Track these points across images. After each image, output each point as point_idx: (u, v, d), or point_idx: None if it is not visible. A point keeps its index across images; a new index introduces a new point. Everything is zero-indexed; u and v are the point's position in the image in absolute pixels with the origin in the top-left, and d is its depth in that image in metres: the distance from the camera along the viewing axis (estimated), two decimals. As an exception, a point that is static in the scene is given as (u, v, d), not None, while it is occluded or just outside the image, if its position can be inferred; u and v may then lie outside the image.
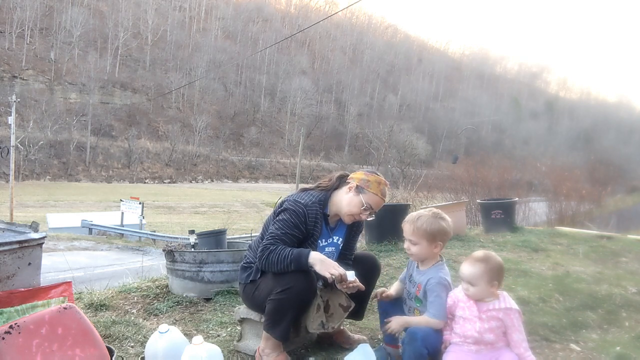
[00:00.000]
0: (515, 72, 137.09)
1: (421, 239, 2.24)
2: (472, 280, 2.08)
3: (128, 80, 72.71)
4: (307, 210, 2.41)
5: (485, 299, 2.09)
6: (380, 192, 2.44)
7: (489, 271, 2.06)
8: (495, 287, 2.07)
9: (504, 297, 2.10)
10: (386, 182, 2.50)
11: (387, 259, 5.19)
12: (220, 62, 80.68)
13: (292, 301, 2.29)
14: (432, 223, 2.24)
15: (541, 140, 78.86)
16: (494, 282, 2.06)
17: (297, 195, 2.53)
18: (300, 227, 2.39)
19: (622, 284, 4.42)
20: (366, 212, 2.45)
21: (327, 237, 2.54)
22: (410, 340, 2.11)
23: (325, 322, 2.48)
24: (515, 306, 2.07)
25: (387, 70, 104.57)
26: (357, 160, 75.71)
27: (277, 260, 2.29)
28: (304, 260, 2.26)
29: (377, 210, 2.50)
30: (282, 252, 2.30)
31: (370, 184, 2.44)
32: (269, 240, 2.39)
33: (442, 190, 22.09)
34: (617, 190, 32.81)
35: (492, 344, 2.05)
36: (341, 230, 2.61)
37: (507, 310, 2.05)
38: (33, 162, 55.64)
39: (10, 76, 62.65)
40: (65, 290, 2.50)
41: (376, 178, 2.47)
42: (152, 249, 18.34)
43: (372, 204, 2.44)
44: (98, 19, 73.86)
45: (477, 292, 2.08)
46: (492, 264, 2.08)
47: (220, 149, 72.59)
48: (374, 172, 2.53)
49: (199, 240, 4.82)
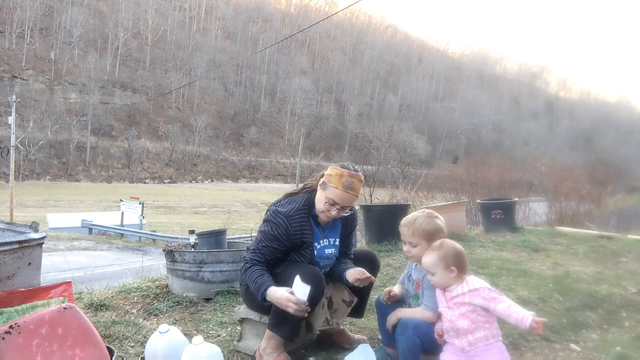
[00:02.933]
0: (515, 72, 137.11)
1: (420, 239, 2.25)
2: (430, 268, 2.11)
3: (128, 80, 72.73)
4: (288, 220, 2.36)
5: (450, 286, 2.08)
6: (342, 185, 2.32)
7: (443, 257, 2.07)
8: (455, 273, 2.06)
9: (467, 281, 2.07)
10: (353, 173, 2.35)
11: (387, 259, 5.18)
12: (220, 62, 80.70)
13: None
14: (429, 223, 2.25)
15: (541, 140, 78.88)
16: (451, 267, 2.06)
17: (280, 203, 2.47)
18: (280, 239, 2.36)
19: (622, 284, 4.42)
20: (332, 207, 2.35)
21: (320, 239, 2.50)
22: (402, 331, 2.12)
23: (329, 319, 2.48)
24: (481, 284, 2.04)
25: (387, 70, 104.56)
26: (357, 160, 75.53)
27: (248, 282, 2.36)
28: (261, 295, 2.27)
29: (345, 205, 2.37)
30: (251, 275, 2.33)
31: (332, 178, 2.34)
32: (248, 255, 2.41)
33: (442, 190, 22.11)
34: (617, 190, 32.82)
35: (472, 332, 2.01)
36: (335, 230, 2.56)
37: (473, 292, 2.02)
38: (33, 162, 55.65)
39: (10, 76, 62.68)
40: (65, 290, 2.50)
41: (338, 171, 2.35)
42: (152, 249, 18.35)
43: (335, 199, 2.33)
44: (98, 19, 73.87)
45: (439, 280, 2.09)
46: (446, 249, 2.09)
47: (220, 149, 72.60)
48: (342, 164, 2.40)
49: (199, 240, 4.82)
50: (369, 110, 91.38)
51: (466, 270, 2.12)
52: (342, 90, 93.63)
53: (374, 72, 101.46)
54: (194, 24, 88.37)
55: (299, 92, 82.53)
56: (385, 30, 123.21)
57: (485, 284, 2.06)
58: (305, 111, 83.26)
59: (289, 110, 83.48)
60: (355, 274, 2.40)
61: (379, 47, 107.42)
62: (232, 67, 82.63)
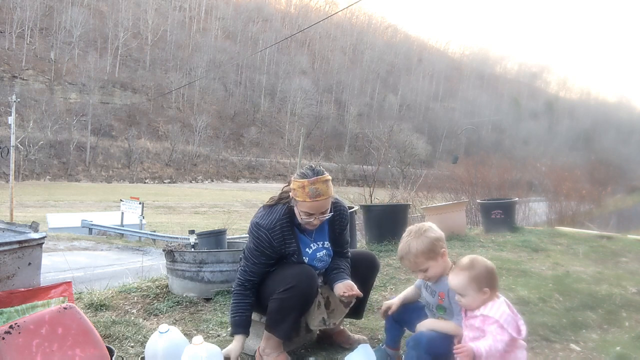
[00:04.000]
0: (515, 72, 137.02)
1: (425, 262, 2.12)
2: (460, 290, 1.95)
3: (128, 80, 72.72)
4: (269, 233, 2.34)
5: (480, 307, 1.93)
6: (307, 196, 2.24)
7: (475, 278, 1.91)
8: (487, 294, 1.91)
9: (489, 304, 1.92)
10: (313, 179, 2.25)
11: (387, 259, 5.18)
12: (220, 62, 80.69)
13: (295, 300, 2.29)
14: (422, 242, 2.11)
15: (541, 140, 78.85)
16: (484, 289, 1.91)
17: (261, 215, 2.42)
18: (266, 252, 2.36)
19: (622, 284, 4.42)
20: (310, 217, 2.31)
21: (309, 244, 2.46)
22: (414, 345, 2.04)
23: (326, 319, 2.48)
24: (495, 315, 1.87)
25: (387, 70, 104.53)
26: (357, 160, 75.62)
27: (231, 305, 2.45)
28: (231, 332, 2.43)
29: (320, 212, 2.31)
30: (235, 303, 2.41)
31: (297, 192, 2.28)
32: (240, 275, 2.44)
33: (442, 190, 22.11)
34: (617, 190, 32.80)
35: None
36: (321, 232, 2.50)
37: (485, 317, 1.89)
38: (33, 162, 55.64)
39: (10, 76, 62.66)
40: (65, 290, 2.51)
41: (299, 183, 2.27)
42: (152, 249, 18.35)
43: (308, 210, 2.28)
44: (98, 19, 73.85)
45: (469, 302, 1.94)
46: (478, 270, 1.93)
47: (220, 149, 72.59)
48: (302, 173, 2.31)
49: (199, 240, 4.82)
50: (369, 110, 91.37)
51: (497, 289, 1.96)
52: (342, 90, 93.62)
53: (374, 72, 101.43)
54: (194, 24, 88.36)
55: (299, 92, 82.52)
56: (385, 30, 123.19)
57: (499, 316, 1.87)
58: (305, 111, 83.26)
59: (289, 110, 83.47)
60: (343, 288, 2.36)
61: (379, 47, 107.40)
62: (232, 67, 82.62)
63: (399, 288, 3.98)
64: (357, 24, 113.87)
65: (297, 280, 2.28)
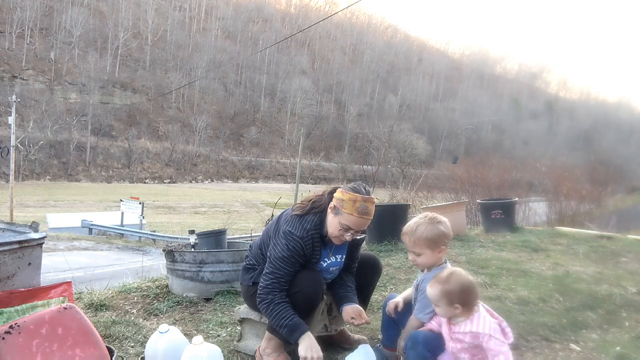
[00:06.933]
0: (515, 72, 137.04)
1: (424, 248, 2.18)
2: (433, 301, 2.02)
3: (128, 80, 72.71)
4: (302, 242, 2.32)
5: (455, 319, 1.99)
6: (356, 211, 2.25)
7: (447, 293, 1.95)
8: (459, 310, 1.95)
9: (474, 319, 1.95)
10: (367, 197, 2.28)
11: (387, 259, 5.19)
12: (220, 62, 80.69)
13: (300, 304, 2.29)
14: (431, 230, 2.16)
15: (541, 140, 78.77)
16: (455, 304, 1.95)
17: (292, 223, 2.38)
18: (298, 259, 2.34)
19: (622, 284, 4.42)
20: (346, 232, 2.30)
21: (326, 257, 2.46)
22: (412, 345, 2.08)
23: (328, 325, 2.48)
24: (485, 328, 1.91)
25: (387, 70, 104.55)
26: (357, 160, 75.74)
27: (275, 316, 2.25)
28: (295, 336, 2.22)
29: (360, 229, 2.32)
30: (280, 312, 2.24)
31: (345, 204, 2.26)
32: (270, 282, 2.30)
33: (442, 190, 22.12)
34: (617, 191, 32.77)
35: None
36: (342, 246, 2.50)
37: (475, 334, 1.92)
38: (33, 162, 55.63)
39: (10, 76, 62.65)
40: (65, 290, 2.51)
41: (351, 196, 2.26)
42: (152, 249, 18.36)
43: (350, 224, 2.27)
44: (98, 19, 73.86)
45: (442, 312, 2.00)
46: (452, 285, 1.96)
47: (220, 149, 72.60)
48: (354, 187, 2.33)
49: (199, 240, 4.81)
50: (369, 110, 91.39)
51: (474, 305, 1.99)
52: (342, 90, 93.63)
53: (374, 72, 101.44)
54: (194, 24, 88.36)
55: (299, 92, 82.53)
56: (385, 30, 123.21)
57: (488, 329, 1.92)
58: (305, 111, 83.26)
59: (289, 110, 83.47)
60: (352, 313, 2.38)
61: (379, 47, 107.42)
62: (232, 67, 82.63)
63: (399, 288, 3.99)
64: (357, 24, 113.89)
65: (303, 285, 2.29)
